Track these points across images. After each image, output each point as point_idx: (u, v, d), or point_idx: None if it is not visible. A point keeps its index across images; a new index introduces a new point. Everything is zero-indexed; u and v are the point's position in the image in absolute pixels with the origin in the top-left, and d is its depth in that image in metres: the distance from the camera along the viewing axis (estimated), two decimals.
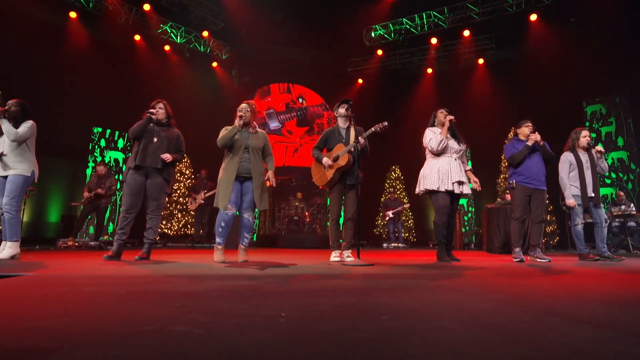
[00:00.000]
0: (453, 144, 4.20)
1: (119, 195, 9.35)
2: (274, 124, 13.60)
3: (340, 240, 4.28)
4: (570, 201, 4.59)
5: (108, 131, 10.07)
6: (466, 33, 10.97)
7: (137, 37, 11.07)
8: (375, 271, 2.79)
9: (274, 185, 3.82)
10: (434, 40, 11.50)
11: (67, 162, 10.15)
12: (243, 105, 3.93)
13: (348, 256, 4.07)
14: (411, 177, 9.99)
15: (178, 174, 9.88)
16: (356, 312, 1.29)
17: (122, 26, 10.63)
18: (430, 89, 12.43)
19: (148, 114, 3.87)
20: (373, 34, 11.93)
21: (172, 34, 11.41)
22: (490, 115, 11.09)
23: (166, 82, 11.24)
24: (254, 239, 9.61)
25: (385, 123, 3.94)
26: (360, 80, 13.31)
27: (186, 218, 9.73)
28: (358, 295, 1.68)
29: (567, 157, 4.70)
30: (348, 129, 4.16)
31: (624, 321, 1.18)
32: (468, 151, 11.40)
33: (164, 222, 9.57)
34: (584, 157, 4.65)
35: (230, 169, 3.70)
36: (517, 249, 4.36)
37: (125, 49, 10.92)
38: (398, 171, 12.09)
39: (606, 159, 8.91)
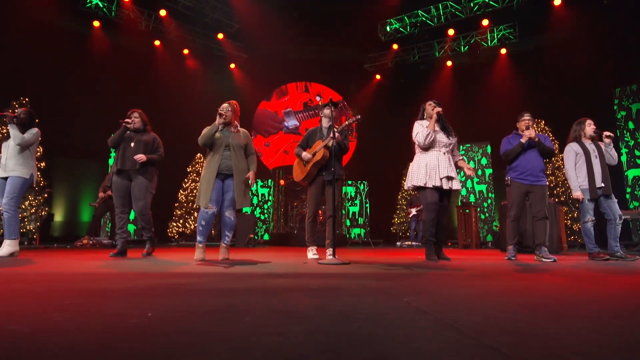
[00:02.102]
0: (442, 137, 4.01)
1: None
2: (292, 123, 13.64)
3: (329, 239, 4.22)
4: (577, 193, 4.28)
5: None
6: (485, 22, 10.50)
7: (156, 43, 11.45)
8: (337, 270, 2.72)
9: (251, 185, 3.81)
10: (451, 32, 11.11)
11: (97, 164, 10.69)
12: (224, 105, 3.95)
13: (330, 254, 3.97)
14: None
15: (194, 174, 10.13)
16: (226, 313, 1.24)
17: (142, 32, 11.03)
18: (450, 82, 12.02)
19: (124, 124, 4.10)
20: (388, 28, 11.68)
21: (191, 38, 11.71)
22: (513, 107, 10.55)
23: (185, 85, 11.57)
24: (257, 237, 9.71)
25: (359, 116, 4.04)
26: (378, 76, 13.10)
27: None
28: (268, 295, 1.62)
29: (572, 148, 4.39)
30: (330, 128, 4.23)
31: (496, 329, 1.05)
32: (489, 147, 10.97)
33: (180, 222, 9.84)
34: (590, 146, 4.32)
35: (212, 166, 3.74)
36: (510, 247, 4.22)
37: (146, 54, 11.34)
38: None
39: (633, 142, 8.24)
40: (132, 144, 4.12)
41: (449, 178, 3.92)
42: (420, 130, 4.00)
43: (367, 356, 0.82)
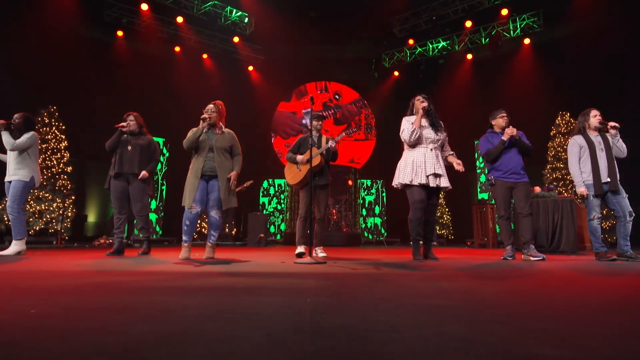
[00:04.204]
0: (429, 133, 3.87)
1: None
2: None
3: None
4: (581, 189, 4.02)
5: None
6: (504, 12, 10.05)
7: (177, 49, 11.82)
8: (300, 270, 2.69)
9: (232, 187, 3.83)
10: (468, 24, 10.72)
11: None
12: (210, 106, 4.01)
13: (321, 252, 4.36)
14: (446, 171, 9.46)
15: None
16: (107, 312, 1.26)
17: (163, 40, 11.44)
18: (471, 76, 11.61)
19: (119, 129, 4.24)
20: (405, 23, 11.43)
21: (210, 43, 12.01)
22: (537, 101, 10.06)
23: (205, 88, 11.86)
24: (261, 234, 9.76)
25: (355, 129, 4.21)
26: (396, 73, 12.86)
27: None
28: (180, 294, 1.63)
29: (575, 141, 4.12)
30: (320, 136, 4.53)
31: (341, 333, 1.00)
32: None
33: (199, 222, 10.12)
34: (596, 139, 4.03)
35: (195, 168, 3.81)
36: (508, 247, 4.03)
37: (167, 60, 11.76)
38: None
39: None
40: (129, 148, 4.28)
41: (437, 175, 3.79)
42: (407, 127, 3.89)
43: (157, 356, 0.80)
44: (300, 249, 4.18)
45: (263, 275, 2.37)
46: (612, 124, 3.97)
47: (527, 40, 10.70)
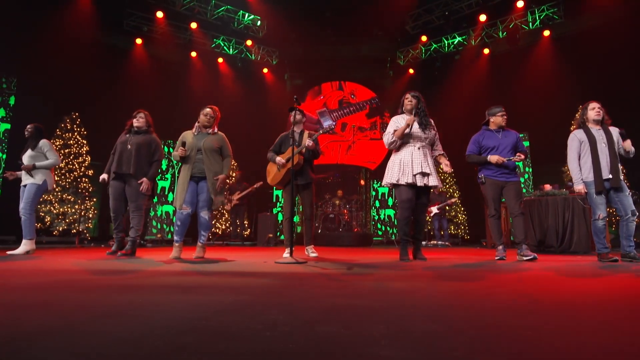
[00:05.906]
0: (417, 132, 3.82)
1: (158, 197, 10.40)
2: (327, 124, 13.65)
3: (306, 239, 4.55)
4: (579, 187, 3.84)
5: (170, 141, 11.19)
6: (520, 4, 9.69)
7: (193, 54, 12.13)
8: (275, 269, 2.72)
9: (217, 190, 3.90)
10: (483, 17, 10.41)
11: None
12: (208, 110, 4.10)
13: (312, 252, 4.38)
14: (459, 170, 9.18)
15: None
16: (22, 308, 1.33)
17: (179, 45, 11.76)
18: (488, 71, 11.26)
19: (129, 127, 4.46)
20: (417, 20, 11.25)
21: (224, 47, 12.27)
22: (557, 95, 9.64)
23: (221, 92, 12.12)
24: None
25: (333, 127, 4.35)
26: (411, 70, 12.67)
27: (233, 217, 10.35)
28: (123, 292, 1.70)
29: (575, 135, 3.95)
30: (301, 133, 4.44)
31: (213, 330, 1.02)
32: (526, 139, 10.00)
33: (213, 222, 10.34)
34: (598, 132, 3.84)
35: (186, 169, 3.93)
36: (500, 247, 3.92)
37: (185, 66, 12.08)
38: None
39: None
40: (129, 146, 4.29)
41: (424, 174, 3.73)
42: (390, 131, 3.87)
43: (7, 350, 0.85)
44: (285, 253, 4.14)
45: (228, 274, 2.42)
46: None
47: (547, 32, 10.28)
